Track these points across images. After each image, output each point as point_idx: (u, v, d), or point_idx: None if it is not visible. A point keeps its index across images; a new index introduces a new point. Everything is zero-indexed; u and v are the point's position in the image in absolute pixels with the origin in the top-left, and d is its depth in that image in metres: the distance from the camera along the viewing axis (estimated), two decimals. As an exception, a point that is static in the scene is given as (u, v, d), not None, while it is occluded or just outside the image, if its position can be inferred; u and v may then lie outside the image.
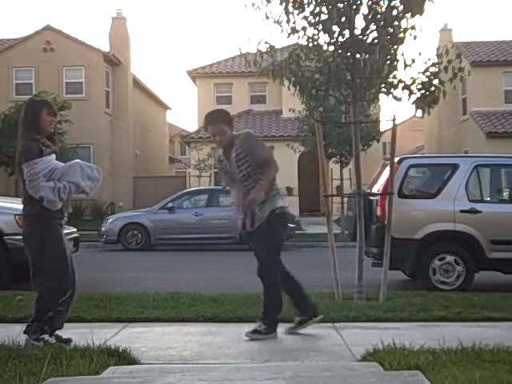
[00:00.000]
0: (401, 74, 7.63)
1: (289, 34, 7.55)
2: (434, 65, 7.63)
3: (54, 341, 5.19)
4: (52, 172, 5.21)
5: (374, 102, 8.64)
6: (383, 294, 7.67)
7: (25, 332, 5.24)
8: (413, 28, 7.44)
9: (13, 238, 9.27)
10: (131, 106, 31.99)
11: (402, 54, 7.57)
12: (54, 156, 5.33)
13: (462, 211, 9.41)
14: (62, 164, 5.36)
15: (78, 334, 5.56)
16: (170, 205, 18.77)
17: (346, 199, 15.93)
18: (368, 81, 7.56)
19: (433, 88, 7.63)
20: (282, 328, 6.12)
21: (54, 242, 5.25)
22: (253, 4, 7.51)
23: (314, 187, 29.05)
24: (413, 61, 7.57)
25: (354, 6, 7.36)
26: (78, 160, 5.51)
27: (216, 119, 5.91)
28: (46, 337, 5.20)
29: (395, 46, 7.50)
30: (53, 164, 5.25)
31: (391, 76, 7.62)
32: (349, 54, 7.54)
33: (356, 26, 7.45)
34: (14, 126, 29.84)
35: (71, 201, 5.60)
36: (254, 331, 5.72)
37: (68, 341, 5.26)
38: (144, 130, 35.37)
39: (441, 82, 7.66)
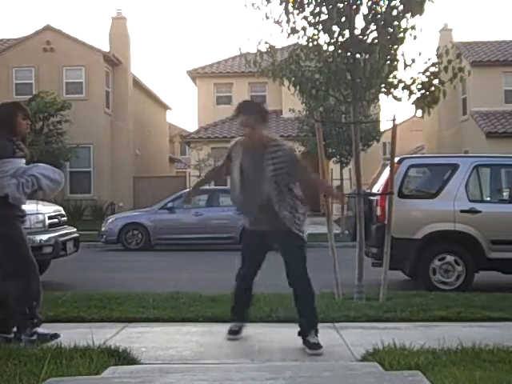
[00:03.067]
0: (401, 74, 7.63)
1: (289, 34, 7.54)
2: (434, 65, 7.62)
3: (46, 331, 5.30)
4: (17, 171, 5.34)
5: (374, 102, 8.65)
6: (383, 294, 7.67)
7: (15, 336, 5.32)
8: (413, 28, 7.43)
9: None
10: (131, 106, 31.97)
11: (402, 54, 7.56)
12: (23, 161, 5.47)
13: (462, 211, 9.41)
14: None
15: (78, 334, 5.58)
16: (170, 205, 18.76)
17: (345, 199, 15.92)
18: (368, 81, 7.55)
19: (433, 88, 7.63)
20: (282, 328, 6.13)
21: (17, 242, 5.34)
22: (253, 4, 7.50)
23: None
24: (413, 61, 7.56)
25: (354, 6, 7.36)
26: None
27: (250, 110, 5.57)
28: (39, 330, 5.30)
29: (395, 46, 7.49)
30: (21, 167, 5.40)
31: (391, 76, 7.61)
32: (349, 54, 7.53)
33: (356, 25, 7.44)
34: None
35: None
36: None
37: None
38: (144, 130, 35.34)
39: (441, 82, 7.65)
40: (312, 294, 5.57)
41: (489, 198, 9.94)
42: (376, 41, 7.44)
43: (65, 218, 10.60)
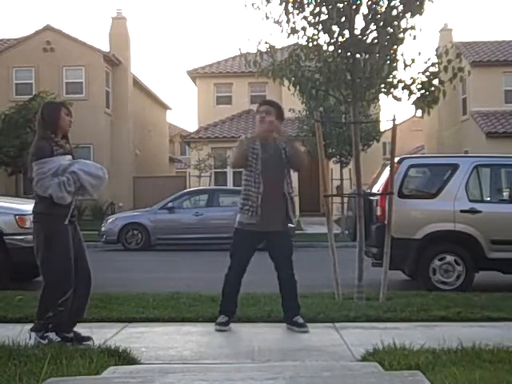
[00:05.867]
0: (401, 74, 7.63)
1: (289, 34, 7.54)
2: (433, 65, 7.63)
3: (59, 339, 5.19)
4: (58, 169, 5.26)
5: (374, 102, 8.64)
6: (383, 293, 7.67)
7: (31, 329, 5.26)
8: (413, 28, 7.43)
9: (13, 237, 9.28)
10: (131, 106, 31.97)
11: (402, 54, 7.57)
12: (69, 157, 5.40)
13: (462, 211, 9.41)
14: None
15: (78, 333, 5.56)
16: (170, 205, 18.76)
17: (346, 199, 15.93)
18: (368, 81, 7.55)
19: (433, 88, 7.63)
20: (282, 328, 6.13)
21: (57, 240, 5.26)
22: (253, 4, 7.50)
23: (314, 187, 29.04)
24: (413, 61, 7.57)
25: (354, 6, 7.36)
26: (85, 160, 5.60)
27: (281, 116, 6.19)
28: (51, 335, 5.19)
29: (395, 46, 7.50)
30: (62, 164, 5.29)
31: (391, 76, 7.61)
32: (349, 54, 7.53)
33: (356, 26, 7.44)
34: (14, 126, 29.57)
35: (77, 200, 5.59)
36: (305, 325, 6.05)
37: (87, 339, 5.30)
38: (144, 130, 35.35)
39: (441, 82, 7.65)
40: (296, 280, 6.20)
41: (489, 198, 9.93)
42: (376, 41, 7.44)
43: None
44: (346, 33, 7.42)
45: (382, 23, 7.38)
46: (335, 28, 7.39)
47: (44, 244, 5.27)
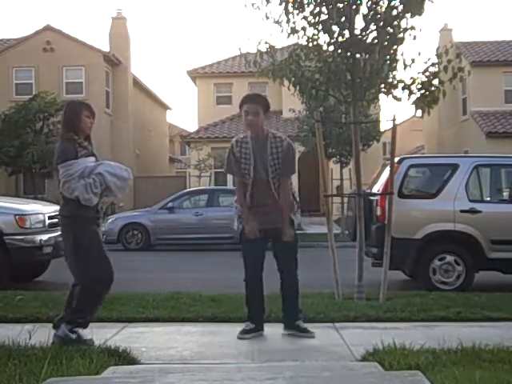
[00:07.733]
0: (401, 74, 7.64)
1: (289, 34, 7.55)
2: (433, 65, 7.63)
3: (88, 338, 5.15)
4: (84, 171, 5.24)
5: (374, 102, 8.64)
6: (383, 293, 7.67)
7: (60, 320, 5.23)
8: (412, 28, 7.44)
9: (13, 238, 9.29)
10: (131, 106, 31.96)
11: (402, 54, 7.57)
12: (92, 158, 5.36)
13: (462, 211, 9.41)
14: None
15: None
16: (170, 205, 18.77)
17: (346, 199, 15.93)
18: (368, 81, 7.55)
19: (433, 88, 7.64)
20: (282, 328, 6.12)
21: (88, 242, 5.22)
22: (253, 4, 7.51)
23: (314, 187, 29.03)
24: (413, 61, 7.57)
25: (354, 6, 7.36)
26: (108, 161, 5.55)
27: (255, 100, 6.03)
28: (81, 331, 5.16)
29: (395, 46, 7.50)
30: (87, 166, 5.26)
31: (391, 76, 7.61)
32: (349, 54, 7.54)
33: (356, 26, 7.44)
34: (13, 126, 29.50)
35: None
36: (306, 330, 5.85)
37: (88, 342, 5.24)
38: (144, 130, 35.34)
39: (440, 82, 7.66)
40: (298, 282, 5.99)
41: (489, 198, 9.94)
42: (376, 41, 7.44)
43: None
44: (346, 33, 7.42)
45: (381, 23, 7.38)
46: (335, 28, 7.39)
47: (74, 246, 5.20)
